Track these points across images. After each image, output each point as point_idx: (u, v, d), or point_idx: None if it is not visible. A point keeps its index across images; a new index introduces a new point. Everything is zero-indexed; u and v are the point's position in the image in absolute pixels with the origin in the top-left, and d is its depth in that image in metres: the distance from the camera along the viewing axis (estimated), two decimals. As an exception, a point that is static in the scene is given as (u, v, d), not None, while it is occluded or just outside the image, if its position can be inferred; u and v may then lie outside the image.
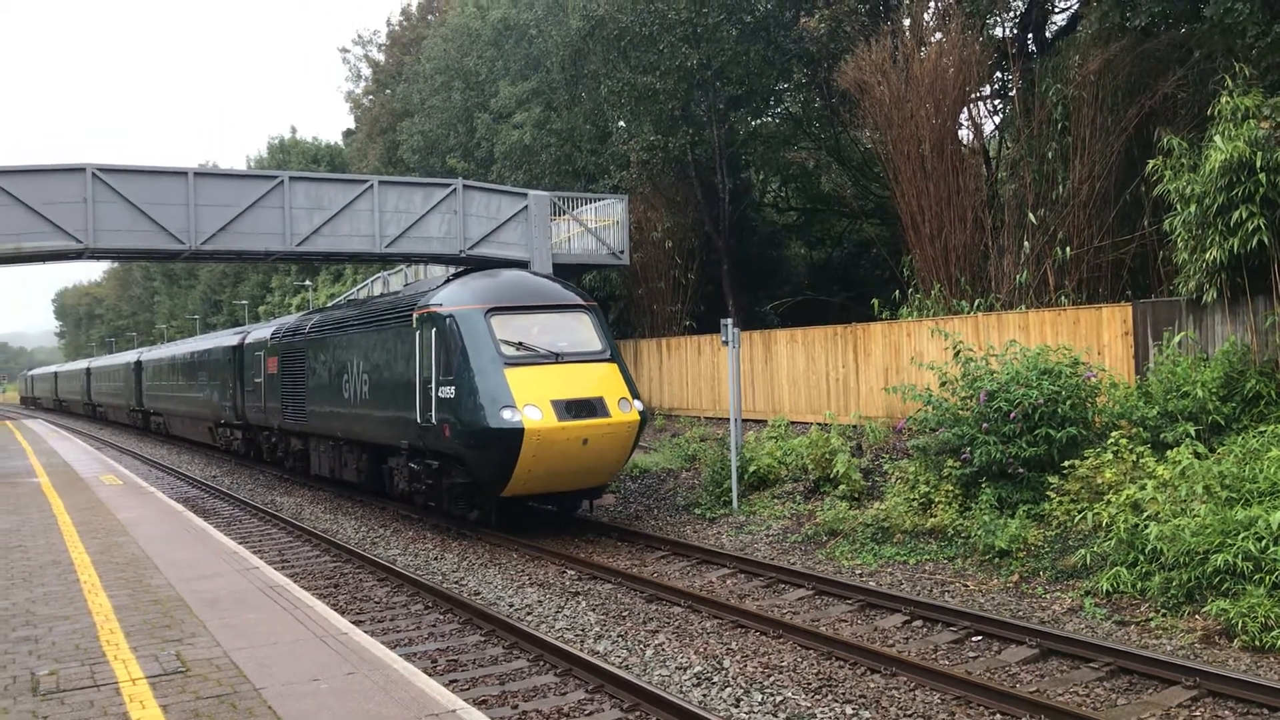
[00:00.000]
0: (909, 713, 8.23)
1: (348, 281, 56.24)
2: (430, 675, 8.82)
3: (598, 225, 25.85)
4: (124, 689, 6.93)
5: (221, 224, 20.47)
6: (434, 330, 16.18)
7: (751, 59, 25.32)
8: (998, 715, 8.10)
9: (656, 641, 10.48)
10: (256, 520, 19.92)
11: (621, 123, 29.71)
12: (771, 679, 9.18)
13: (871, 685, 8.92)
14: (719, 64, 25.60)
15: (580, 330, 16.41)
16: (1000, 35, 21.31)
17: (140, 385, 47.52)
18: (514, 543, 15.63)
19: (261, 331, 29.34)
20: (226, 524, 19.25)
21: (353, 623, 9.98)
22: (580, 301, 16.96)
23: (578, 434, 14.94)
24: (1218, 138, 12.96)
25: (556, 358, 15.63)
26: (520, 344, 15.67)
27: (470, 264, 23.16)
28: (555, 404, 14.91)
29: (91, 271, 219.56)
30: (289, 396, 24.38)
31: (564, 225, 26.18)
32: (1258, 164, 12.38)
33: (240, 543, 15.80)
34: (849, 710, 8.33)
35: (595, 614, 11.66)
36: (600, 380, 15.68)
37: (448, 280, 17.40)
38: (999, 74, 22.16)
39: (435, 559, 15.30)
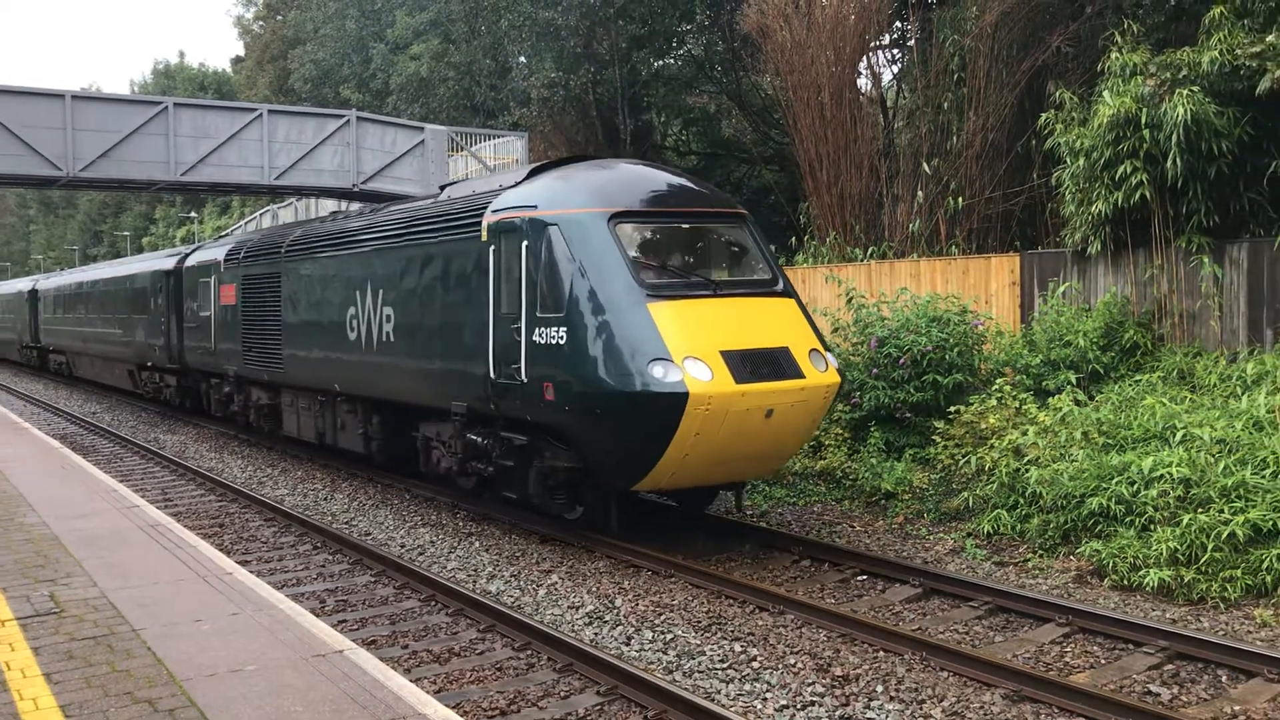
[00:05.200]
0: (796, 650, 8.40)
1: (235, 214, 54.61)
2: (318, 615, 8.73)
3: (497, 163, 25.47)
4: (-7, 631, 6.68)
5: (102, 150, 19.66)
6: (523, 245, 11.26)
7: (655, -2, 25.08)
8: (880, 652, 8.32)
9: (549, 581, 10.51)
10: (138, 458, 19.35)
11: (522, 58, 29.20)
12: (662, 617, 9.28)
13: (760, 623, 9.08)
14: (622, 2, 25.27)
15: (740, 248, 11.84)
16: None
17: (36, 318, 41.02)
18: (405, 484, 15.44)
19: (210, 252, 22.70)
20: (106, 461, 18.66)
21: (238, 563, 9.78)
22: (735, 208, 12.28)
23: (760, 402, 10.39)
24: (1106, 93, 13.27)
25: (715, 288, 11.03)
26: (663, 266, 11.12)
27: (364, 199, 22.64)
28: (727, 357, 10.32)
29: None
30: (254, 336, 19.00)
31: (462, 161, 25.73)
32: (1143, 120, 12.71)
33: (121, 480, 15.32)
34: (738, 647, 8.47)
35: (489, 555, 11.63)
36: (781, 323, 11.14)
37: (531, 173, 12.32)
38: (899, 23, 22.33)
39: (325, 499, 15.07)
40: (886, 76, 23.35)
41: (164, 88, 70.69)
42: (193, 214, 64.98)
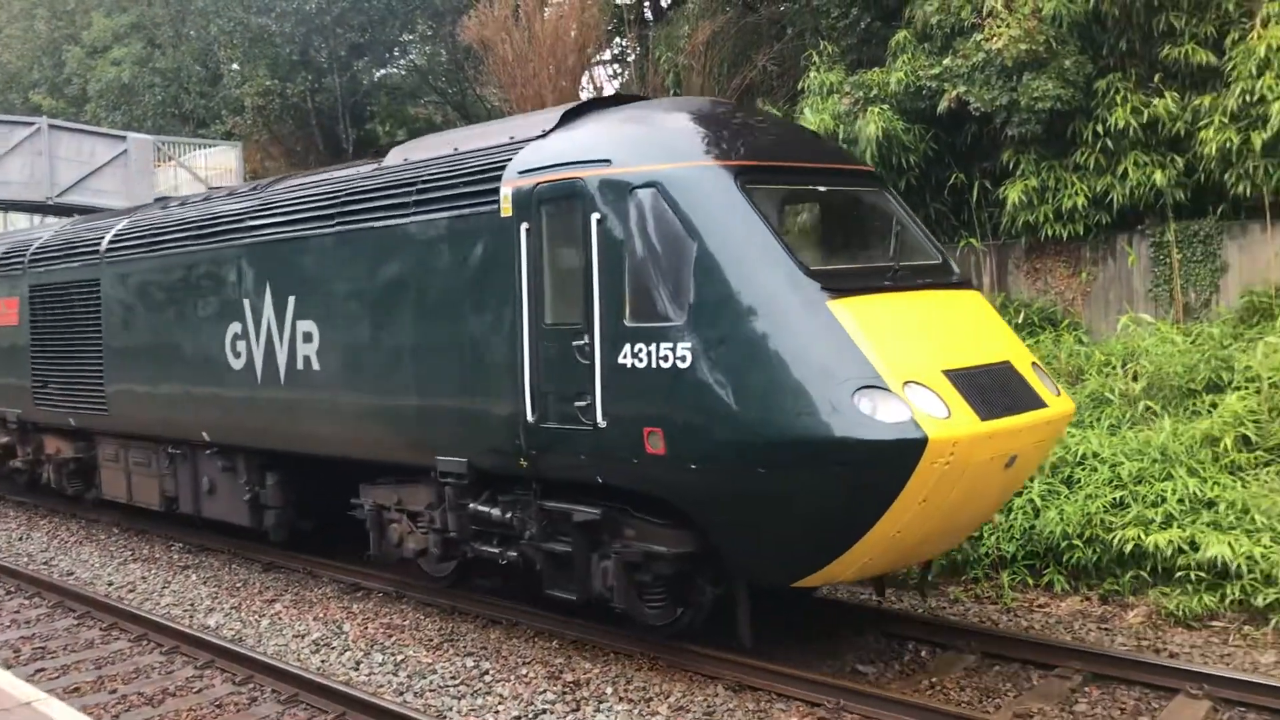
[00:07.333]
0: (528, 660, 8.44)
1: (-89, 230, 49.39)
2: (9, 667, 8.04)
3: (209, 173, 24.27)
4: None
5: None
6: (592, 220, 7.68)
7: (373, 6, 24.60)
8: (610, 655, 8.47)
9: (273, 611, 10.09)
10: None
11: (235, 65, 27.95)
12: (393, 639, 9.11)
13: (493, 636, 9.06)
14: (339, 9, 24.64)
15: (894, 221, 8.23)
16: (619, 2, 21.97)
17: None
18: (113, 517, 14.36)
19: None
20: None
21: (-88, 616, 8.86)
22: (869, 166, 9.56)
23: (1006, 447, 7.24)
24: (807, 110, 14.09)
25: (896, 278, 7.68)
26: (821, 246, 8.31)
27: (60, 213, 21.05)
28: (956, 381, 7.05)
29: None
30: (53, 366, 14.09)
31: (172, 172, 24.38)
32: (840, 136, 13.57)
33: None
34: (470, 663, 8.42)
35: (207, 587, 11.05)
36: (988, 328, 7.95)
37: (567, 116, 8.68)
38: (619, 40, 22.89)
39: (20, 539, 13.84)
40: (609, 91, 23.89)
41: None
42: None
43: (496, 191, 8.35)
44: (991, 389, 7.19)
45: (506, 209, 8.25)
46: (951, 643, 8.31)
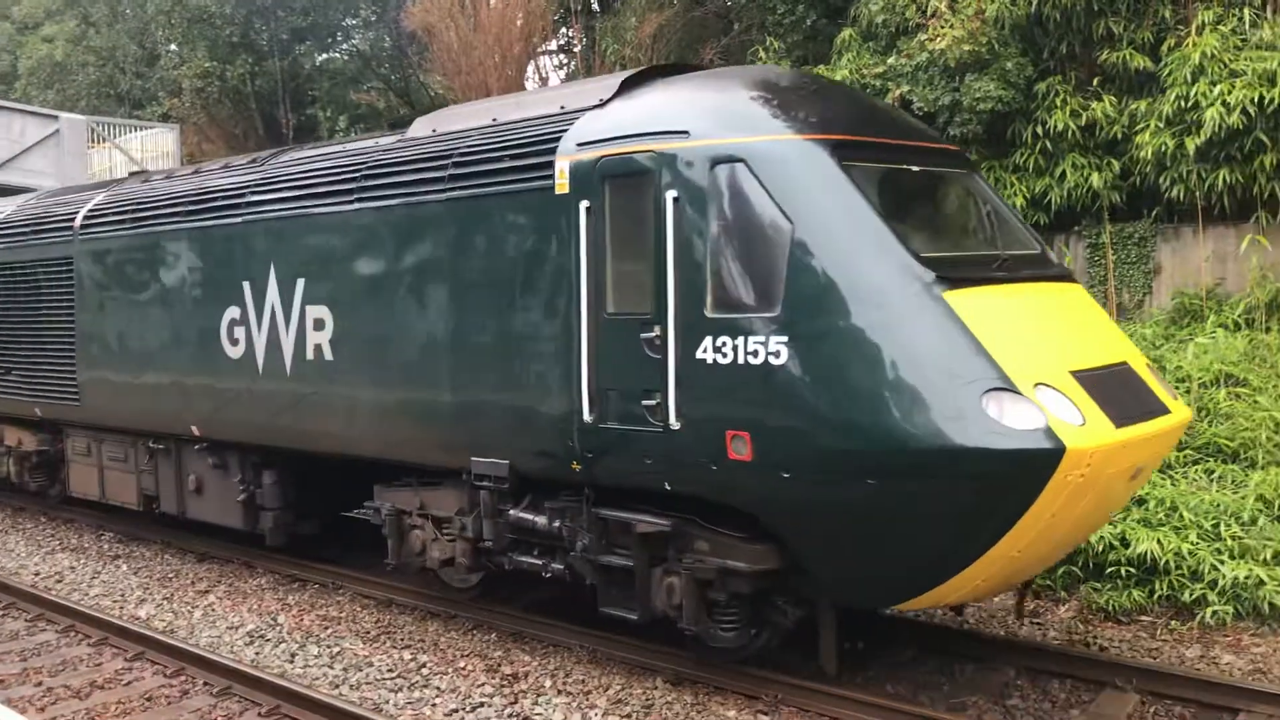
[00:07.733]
0: (466, 653, 8.40)
1: None
2: (-70, 659, 7.83)
3: (145, 156, 23.79)
4: None
5: None
6: (667, 199, 6.85)
7: (316, -10, 24.34)
8: (551, 647, 8.44)
9: (206, 602, 9.94)
10: None
11: (173, 45, 27.46)
12: (329, 630, 9.01)
13: (431, 629, 9.00)
14: (281, -9, 24.36)
15: (990, 207, 7.57)
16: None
17: None
18: (40, 506, 14.06)
19: None
20: None
21: None
22: (954, 145, 8.83)
23: (1134, 458, 6.56)
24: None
25: (1005, 268, 6.89)
26: (924, 231, 7.08)
27: (-13, 193, 20.50)
28: (1085, 384, 6.33)
29: None
30: (18, 351, 12.98)
31: (106, 154, 23.87)
32: (785, 132, 13.65)
33: None
34: (407, 655, 8.36)
35: (138, 578, 10.84)
36: (1101, 325, 7.26)
37: (627, 84, 7.78)
38: (565, 30, 22.81)
39: (-57, 527, 13.50)
40: (554, 81, 23.80)
41: None
42: None
43: (549, 165, 7.51)
44: (1119, 392, 6.48)
45: (563, 185, 7.43)
46: (888, 636, 8.40)
